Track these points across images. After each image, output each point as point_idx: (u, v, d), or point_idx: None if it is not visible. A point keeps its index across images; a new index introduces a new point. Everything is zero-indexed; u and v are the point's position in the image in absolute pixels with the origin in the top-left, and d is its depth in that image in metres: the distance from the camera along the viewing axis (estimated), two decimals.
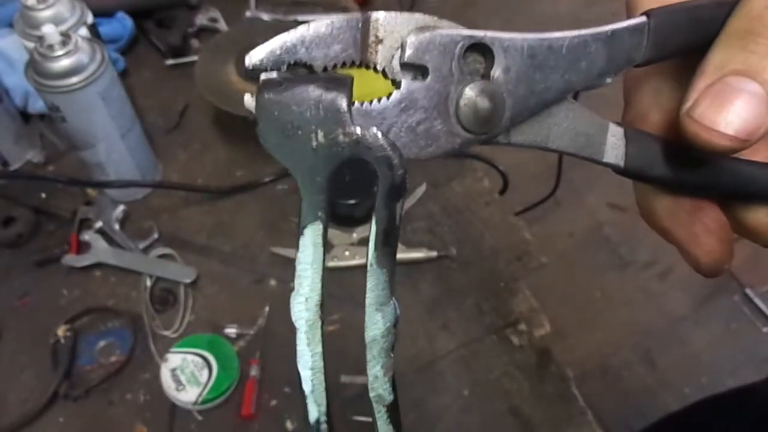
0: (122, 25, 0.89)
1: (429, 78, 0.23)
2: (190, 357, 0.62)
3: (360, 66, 0.23)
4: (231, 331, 0.65)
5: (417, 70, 0.23)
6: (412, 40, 0.22)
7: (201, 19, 0.94)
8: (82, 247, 0.70)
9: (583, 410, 0.62)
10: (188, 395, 0.60)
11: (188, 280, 0.69)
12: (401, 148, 0.22)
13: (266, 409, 0.62)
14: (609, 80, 0.24)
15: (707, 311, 1.55)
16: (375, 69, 0.23)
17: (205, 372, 0.61)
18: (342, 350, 0.65)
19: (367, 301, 0.23)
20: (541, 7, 1.98)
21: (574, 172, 1.62)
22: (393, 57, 0.23)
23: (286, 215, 0.74)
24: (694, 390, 1.41)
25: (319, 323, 0.23)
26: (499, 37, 0.22)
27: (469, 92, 0.23)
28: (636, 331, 1.52)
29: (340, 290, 0.66)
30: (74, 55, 0.61)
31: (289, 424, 0.61)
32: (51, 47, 0.61)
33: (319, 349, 0.23)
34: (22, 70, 0.63)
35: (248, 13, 0.95)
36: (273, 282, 0.69)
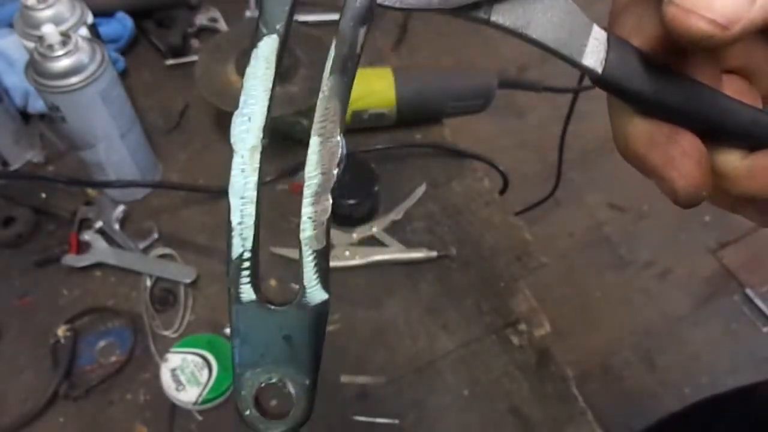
0: (122, 25, 0.89)
1: None
2: (190, 357, 0.62)
3: None
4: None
5: None
6: None
7: (201, 19, 0.93)
8: (82, 247, 0.70)
9: (583, 410, 0.62)
10: (188, 395, 0.60)
11: (188, 280, 0.69)
12: None
13: None
14: None
15: (707, 311, 1.55)
16: None
17: (205, 372, 0.61)
18: (342, 350, 0.65)
19: (312, 130, 0.21)
20: None
21: (574, 172, 1.62)
22: None
23: (286, 215, 0.73)
24: (694, 390, 1.41)
25: (260, 149, 0.21)
26: None
27: None
28: (636, 331, 1.52)
29: (341, 290, 0.66)
30: (74, 55, 0.61)
31: None
32: (51, 47, 0.61)
33: (255, 178, 0.21)
34: (22, 70, 0.63)
35: (248, 13, 0.95)
36: (273, 282, 0.69)
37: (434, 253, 0.70)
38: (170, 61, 0.89)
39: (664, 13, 0.20)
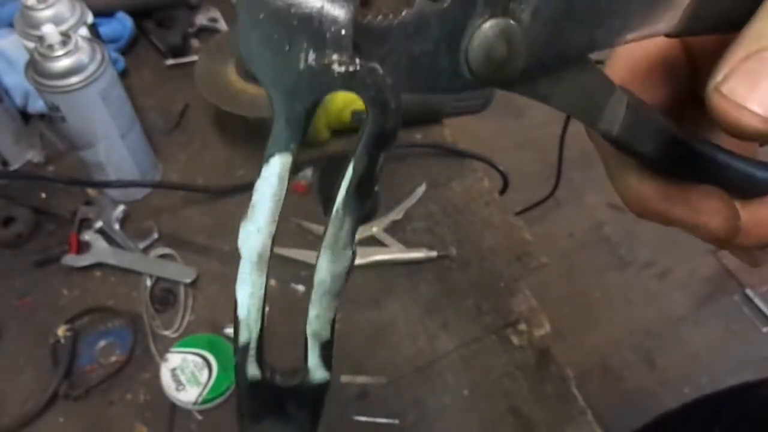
0: (122, 25, 0.89)
1: (448, 2, 0.19)
2: (190, 357, 0.62)
3: None
4: (231, 331, 0.65)
5: None
6: None
7: (201, 19, 0.94)
8: (82, 247, 0.70)
9: (583, 410, 0.62)
10: (188, 395, 0.60)
11: (188, 280, 0.69)
12: (395, 80, 0.19)
13: None
14: (630, 37, 0.21)
15: (707, 311, 1.55)
16: None
17: (205, 372, 0.61)
18: (342, 350, 0.65)
19: (325, 243, 0.22)
20: None
21: (574, 172, 1.62)
22: None
23: (286, 215, 0.74)
24: (694, 390, 1.42)
25: (269, 255, 0.22)
26: None
27: (488, 31, 0.19)
28: (636, 331, 1.52)
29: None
30: (74, 55, 0.61)
31: None
32: (51, 47, 0.61)
33: (263, 279, 0.22)
34: (22, 70, 0.63)
35: None
36: (273, 282, 0.69)
37: (434, 253, 0.70)
38: (170, 61, 0.89)
39: (710, 100, 0.19)
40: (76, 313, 0.66)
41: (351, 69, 0.18)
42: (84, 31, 0.69)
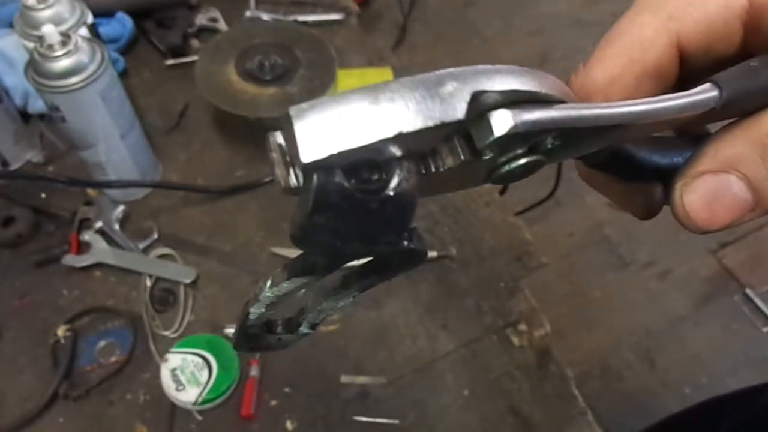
0: (122, 25, 0.89)
1: (488, 156, 0.20)
2: (190, 357, 0.62)
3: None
4: (231, 331, 0.65)
5: (492, 150, 0.20)
6: (501, 127, 0.18)
7: (201, 19, 0.93)
8: (82, 247, 0.70)
9: (583, 410, 0.62)
10: (188, 395, 0.60)
11: (188, 280, 0.69)
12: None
13: (266, 409, 0.62)
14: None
15: (707, 311, 1.54)
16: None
17: (205, 372, 0.61)
18: (342, 350, 0.65)
19: (332, 291, 0.24)
20: (541, 6, 1.98)
21: (574, 172, 1.62)
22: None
23: (286, 215, 0.73)
24: (694, 390, 1.41)
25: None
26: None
27: (515, 169, 0.21)
28: (636, 331, 1.52)
29: None
30: (74, 55, 0.61)
31: (289, 424, 0.61)
32: (51, 47, 0.61)
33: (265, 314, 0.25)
34: (22, 70, 0.63)
35: (248, 13, 0.95)
36: None
37: (434, 253, 0.70)
38: (170, 61, 0.89)
39: (673, 199, 0.23)
40: (76, 313, 0.66)
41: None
42: (84, 31, 0.69)
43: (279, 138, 0.19)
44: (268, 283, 0.23)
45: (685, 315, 1.54)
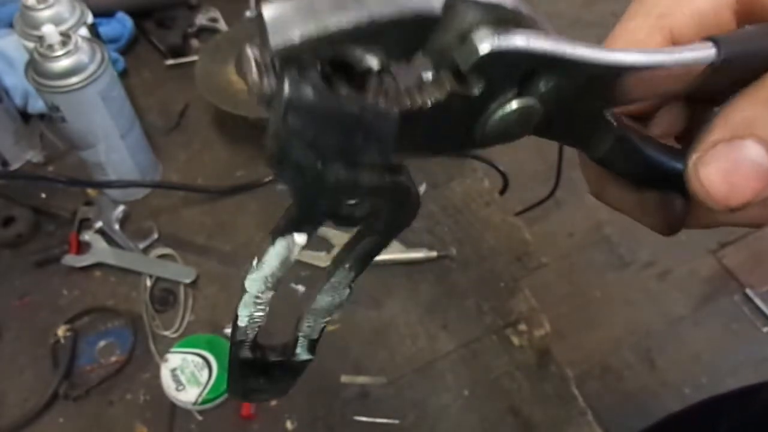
0: (122, 25, 0.89)
1: (477, 90, 0.19)
2: (190, 357, 0.62)
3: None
4: (230, 331, 0.65)
5: (478, 78, 0.19)
6: (485, 45, 0.18)
7: (201, 19, 0.94)
8: (82, 247, 0.70)
9: (583, 410, 0.62)
10: (188, 395, 0.60)
11: (188, 280, 0.69)
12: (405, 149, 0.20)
13: (266, 409, 0.62)
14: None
15: (707, 311, 1.54)
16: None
17: (205, 372, 0.61)
18: (342, 350, 0.65)
19: (327, 286, 0.24)
20: (541, 6, 1.98)
21: (574, 172, 1.62)
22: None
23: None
24: (694, 390, 1.41)
25: (271, 294, 0.25)
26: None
27: (510, 114, 0.20)
28: (636, 331, 1.52)
29: None
30: (74, 55, 0.61)
31: (289, 424, 0.61)
32: (51, 47, 0.61)
33: (265, 306, 0.25)
34: (22, 70, 0.63)
35: (248, 13, 0.95)
36: None
37: (434, 253, 0.70)
38: (170, 61, 0.89)
39: (688, 176, 0.21)
40: (76, 313, 0.66)
41: (383, 181, 0.20)
42: (84, 31, 0.69)
43: (255, 51, 0.18)
44: (254, 263, 0.23)
45: (685, 315, 1.54)
